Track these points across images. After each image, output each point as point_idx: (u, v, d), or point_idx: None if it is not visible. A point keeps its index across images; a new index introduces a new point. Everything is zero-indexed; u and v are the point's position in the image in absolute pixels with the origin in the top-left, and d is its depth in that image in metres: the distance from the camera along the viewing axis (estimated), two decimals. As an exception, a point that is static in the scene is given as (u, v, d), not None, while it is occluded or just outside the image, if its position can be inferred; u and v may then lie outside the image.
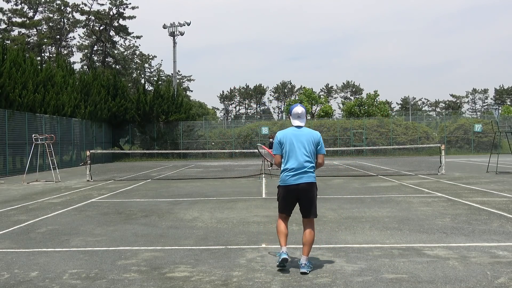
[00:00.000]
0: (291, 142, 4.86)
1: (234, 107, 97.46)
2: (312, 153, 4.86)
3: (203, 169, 22.37)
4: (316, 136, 4.93)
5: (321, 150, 4.94)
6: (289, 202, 4.89)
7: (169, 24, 42.36)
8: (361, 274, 4.54)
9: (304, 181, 4.77)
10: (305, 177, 4.77)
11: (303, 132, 4.91)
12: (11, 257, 5.48)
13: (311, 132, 4.92)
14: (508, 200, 9.46)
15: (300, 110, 4.99)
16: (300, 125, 4.95)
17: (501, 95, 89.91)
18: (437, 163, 17.59)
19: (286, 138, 4.90)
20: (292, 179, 4.79)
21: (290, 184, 4.80)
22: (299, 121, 4.97)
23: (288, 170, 4.83)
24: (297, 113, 4.97)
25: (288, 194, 4.84)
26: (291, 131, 4.93)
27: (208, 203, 9.80)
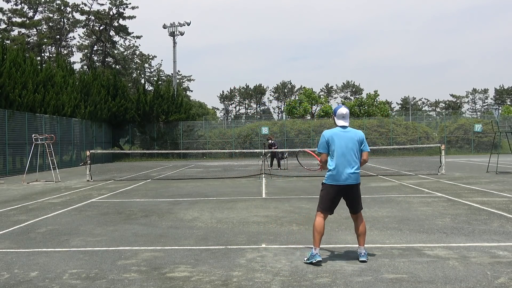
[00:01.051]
0: (339, 142, 5.04)
1: (234, 107, 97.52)
2: (358, 152, 5.09)
3: (203, 169, 22.37)
4: (361, 135, 5.16)
5: (365, 148, 5.17)
6: (335, 202, 5.11)
7: (169, 24, 42.39)
8: (361, 274, 4.54)
9: (352, 182, 5.01)
10: (353, 177, 5.00)
11: (350, 132, 5.12)
12: (11, 257, 5.48)
13: (356, 132, 5.14)
14: (508, 200, 9.46)
15: (344, 111, 5.18)
16: (345, 125, 5.14)
17: (501, 95, 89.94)
18: (437, 163, 17.58)
19: (334, 138, 5.09)
20: (342, 179, 4.99)
21: (339, 184, 5.00)
22: (344, 121, 5.16)
23: (335, 169, 5.01)
24: (342, 113, 5.17)
25: (337, 193, 5.05)
26: (338, 131, 5.12)
27: (208, 203, 9.80)
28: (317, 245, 4.96)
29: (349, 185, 5.00)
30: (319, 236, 4.99)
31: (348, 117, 5.22)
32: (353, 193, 5.06)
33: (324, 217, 5.09)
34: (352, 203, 5.12)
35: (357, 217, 5.16)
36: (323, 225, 5.04)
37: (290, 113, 45.83)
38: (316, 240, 4.97)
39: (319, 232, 5.00)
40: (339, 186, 5.01)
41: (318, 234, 4.99)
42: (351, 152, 5.02)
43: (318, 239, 4.98)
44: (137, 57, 65.43)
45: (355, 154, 5.04)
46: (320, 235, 5.00)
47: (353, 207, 5.13)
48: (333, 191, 5.04)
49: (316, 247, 4.96)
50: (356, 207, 5.12)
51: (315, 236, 5.00)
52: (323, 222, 5.05)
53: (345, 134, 5.08)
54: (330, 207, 5.09)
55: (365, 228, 5.17)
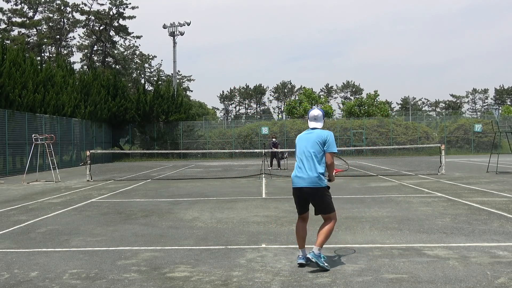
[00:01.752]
0: (300, 144, 4.94)
1: (234, 107, 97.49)
2: (317, 154, 4.80)
3: (203, 169, 22.37)
4: (323, 136, 4.83)
5: (329, 149, 4.80)
6: (301, 204, 4.96)
7: (169, 24, 42.36)
8: (361, 274, 4.54)
9: (309, 185, 4.78)
10: (308, 180, 4.77)
11: (312, 133, 4.91)
12: (11, 257, 5.48)
13: (320, 133, 4.87)
14: (508, 200, 9.45)
15: (316, 113, 5.03)
16: (315, 127, 4.97)
17: (501, 95, 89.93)
18: (437, 163, 17.58)
19: (298, 140, 5.01)
20: (299, 182, 4.84)
21: (297, 187, 4.88)
22: (315, 122, 5.00)
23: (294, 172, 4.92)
24: (314, 115, 5.02)
25: (299, 196, 4.92)
26: (303, 134, 5.02)
27: (208, 203, 9.80)
28: (300, 246, 4.92)
29: (303, 188, 4.81)
30: (299, 239, 4.93)
31: (321, 119, 5.01)
32: (313, 197, 4.82)
33: (300, 219, 5.00)
34: (315, 206, 4.91)
35: (325, 218, 4.94)
36: (300, 228, 4.95)
37: (290, 113, 45.83)
38: (297, 242, 4.97)
39: (297, 234, 4.96)
40: (295, 189, 4.91)
41: (297, 237, 4.96)
42: (307, 155, 4.81)
43: (299, 242, 4.93)
44: (137, 57, 65.42)
45: (312, 156, 4.78)
46: (300, 238, 4.92)
47: (316, 210, 4.93)
48: (294, 194, 4.98)
49: (299, 248, 4.93)
50: (320, 210, 4.90)
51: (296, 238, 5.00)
52: (300, 225, 4.96)
53: (307, 136, 4.93)
54: (299, 210, 5.00)
55: (328, 230, 4.81)
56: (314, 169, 4.76)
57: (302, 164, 4.83)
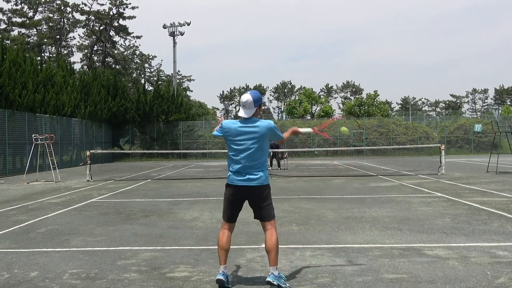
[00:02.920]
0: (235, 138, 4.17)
1: (234, 107, 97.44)
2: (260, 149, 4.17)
3: (203, 169, 22.36)
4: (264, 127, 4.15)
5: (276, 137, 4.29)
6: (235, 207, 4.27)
7: (169, 24, 42.36)
8: (361, 274, 4.54)
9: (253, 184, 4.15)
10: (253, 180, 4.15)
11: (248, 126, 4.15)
12: (11, 257, 5.48)
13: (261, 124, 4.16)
14: (508, 200, 9.45)
15: (245, 98, 4.13)
16: (245, 116, 4.15)
17: (501, 95, 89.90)
18: (437, 163, 17.58)
19: (230, 132, 4.18)
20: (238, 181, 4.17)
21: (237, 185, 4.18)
22: (244, 111, 4.17)
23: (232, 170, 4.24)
24: (242, 102, 4.14)
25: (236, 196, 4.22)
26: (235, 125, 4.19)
27: (208, 203, 9.80)
28: (222, 262, 4.21)
29: (246, 187, 4.14)
30: (222, 252, 4.21)
31: (252, 106, 4.13)
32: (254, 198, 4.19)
33: (226, 227, 4.27)
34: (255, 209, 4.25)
35: (266, 226, 4.22)
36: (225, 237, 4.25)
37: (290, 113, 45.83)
38: (219, 256, 4.24)
39: (220, 246, 4.23)
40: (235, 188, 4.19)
41: (220, 249, 4.23)
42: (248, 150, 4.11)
43: (222, 255, 4.21)
44: (137, 57, 65.38)
45: (254, 151, 4.11)
46: (223, 251, 4.20)
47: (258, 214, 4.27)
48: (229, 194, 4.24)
49: (220, 264, 4.22)
50: (262, 215, 4.22)
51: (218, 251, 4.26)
52: (225, 234, 4.26)
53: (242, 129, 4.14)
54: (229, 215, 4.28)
55: (276, 243, 4.13)
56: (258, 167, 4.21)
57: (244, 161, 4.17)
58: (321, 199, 10.18)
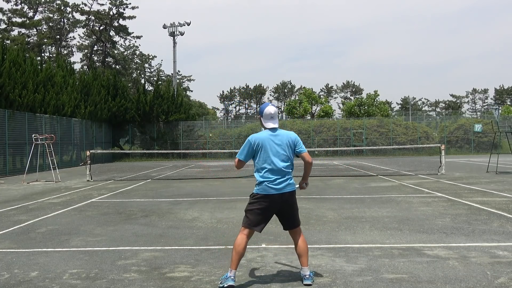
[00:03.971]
0: (268, 147, 4.30)
1: (234, 107, 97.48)
2: (290, 157, 4.37)
3: (203, 169, 22.36)
4: (293, 137, 4.42)
5: (302, 150, 4.47)
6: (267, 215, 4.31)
7: (169, 24, 42.34)
8: (361, 274, 4.54)
9: (286, 191, 4.26)
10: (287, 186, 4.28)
11: (280, 135, 4.38)
12: (11, 257, 5.48)
13: (287, 134, 4.42)
14: (508, 200, 9.45)
15: (272, 110, 4.43)
16: (275, 126, 4.40)
17: (501, 95, 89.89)
18: (437, 163, 17.58)
19: (262, 143, 4.32)
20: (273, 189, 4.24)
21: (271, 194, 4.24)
22: (272, 122, 4.41)
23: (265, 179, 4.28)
24: (270, 113, 4.41)
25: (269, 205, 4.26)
26: (268, 135, 4.37)
27: (208, 203, 9.80)
28: (233, 267, 4.19)
29: (280, 195, 4.23)
30: (237, 257, 4.19)
31: (277, 117, 4.46)
32: (286, 205, 4.30)
33: (248, 234, 4.30)
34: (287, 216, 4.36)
35: (296, 232, 4.40)
36: (244, 244, 4.23)
37: (290, 113, 45.82)
38: (233, 261, 4.19)
39: (237, 252, 4.19)
40: (269, 196, 4.23)
41: (237, 254, 4.19)
42: (281, 159, 4.28)
43: (236, 260, 4.19)
44: (137, 57, 65.43)
45: (286, 160, 4.30)
46: (239, 256, 4.19)
47: (289, 222, 4.38)
48: (263, 203, 4.25)
49: (232, 268, 4.18)
50: (293, 221, 4.38)
51: (233, 255, 4.20)
52: (245, 241, 4.26)
53: (275, 138, 4.34)
54: (259, 223, 4.29)
55: (307, 245, 4.38)
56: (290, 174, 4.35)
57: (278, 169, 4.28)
58: (321, 199, 10.18)
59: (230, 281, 4.11)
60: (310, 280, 4.24)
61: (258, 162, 4.34)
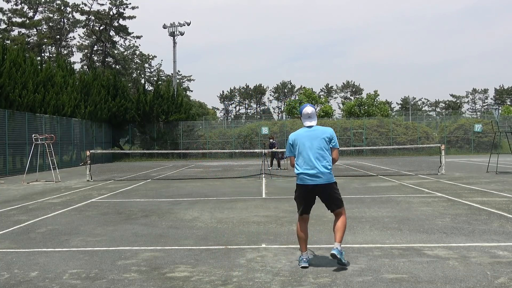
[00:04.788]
0: (304, 142, 4.90)
1: (234, 107, 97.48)
2: (327, 151, 4.91)
3: (203, 169, 22.36)
4: (329, 132, 4.98)
5: (335, 145, 4.99)
6: (308, 202, 4.95)
7: (169, 24, 42.35)
8: (361, 274, 4.54)
9: (321, 182, 4.82)
10: (323, 178, 4.82)
11: (316, 131, 4.96)
12: (11, 257, 5.48)
13: (323, 129, 4.99)
14: (508, 200, 9.45)
15: (310, 110, 5.05)
16: (311, 124, 5.00)
17: (501, 95, 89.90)
18: (437, 163, 17.58)
19: (298, 139, 4.96)
20: (310, 180, 4.84)
21: (307, 184, 4.86)
22: (309, 121, 5.03)
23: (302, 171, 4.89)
24: (307, 113, 5.04)
25: (308, 194, 4.90)
26: (303, 132, 4.99)
27: (208, 203, 9.80)
28: (303, 249, 4.89)
29: (317, 186, 4.84)
30: (301, 241, 4.90)
31: (315, 116, 5.07)
32: (325, 194, 4.91)
33: (302, 220, 4.97)
34: (326, 203, 5.00)
35: (336, 213, 5.00)
36: (303, 228, 4.93)
37: (290, 113, 45.83)
38: (300, 245, 4.92)
39: (299, 237, 4.92)
40: (306, 186, 4.88)
41: (299, 239, 4.92)
42: (316, 152, 4.86)
43: (301, 243, 4.90)
44: (137, 57, 65.43)
45: (321, 153, 4.87)
46: (302, 240, 4.89)
47: (329, 206, 5.01)
48: (302, 193, 4.93)
49: (302, 251, 4.89)
50: (332, 206, 4.97)
51: (298, 240, 4.96)
52: (303, 226, 4.95)
53: (310, 134, 4.95)
54: (304, 210, 4.97)
55: (343, 224, 4.92)
56: (326, 165, 4.86)
57: (314, 160, 4.83)
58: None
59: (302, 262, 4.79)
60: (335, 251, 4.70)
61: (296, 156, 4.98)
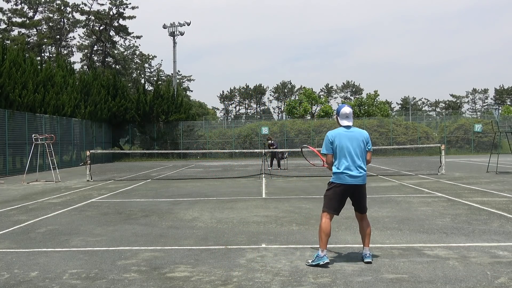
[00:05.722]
0: (343, 142, 4.98)
1: (234, 107, 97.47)
2: (363, 152, 5.03)
3: (203, 169, 22.37)
4: (366, 135, 5.12)
5: (370, 148, 5.13)
6: (342, 202, 5.05)
7: (169, 24, 42.34)
8: (361, 274, 4.54)
9: (358, 183, 4.94)
10: (359, 178, 4.94)
11: (354, 132, 5.07)
12: (11, 257, 5.48)
13: (360, 131, 5.11)
14: (508, 200, 9.45)
15: (348, 110, 5.15)
16: (349, 124, 5.11)
17: (501, 95, 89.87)
18: (437, 163, 17.58)
19: (338, 138, 5.02)
20: (348, 180, 4.92)
21: (345, 183, 4.93)
22: (347, 121, 5.13)
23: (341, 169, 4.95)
24: (346, 113, 5.13)
25: (343, 193, 4.99)
26: (342, 131, 5.06)
27: (208, 203, 9.80)
28: (324, 247, 4.88)
29: (354, 185, 4.95)
30: (326, 238, 4.91)
31: (352, 116, 5.18)
32: (359, 194, 5.02)
33: (330, 217, 5.01)
34: (358, 203, 5.08)
35: (363, 218, 5.12)
36: (329, 226, 4.96)
37: (290, 113, 45.83)
38: (323, 242, 4.88)
39: (326, 233, 4.91)
40: (345, 186, 4.94)
41: (326, 235, 4.91)
42: (356, 152, 4.96)
43: (326, 241, 4.89)
44: (137, 57, 65.40)
45: (360, 154, 4.98)
46: (327, 237, 4.91)
47: (359, 208, 5.10)
48: (339, 191, 4.98)
49: (323, 249, 4.87)
50: (362, 208, 5.09)
51: (322, 237, 4.90)
52: (329, 223, 4.97)
53: (350, 134, 5.03)
54: (337, 208, 5.03)
55: (370, 229, 5.11)
56: (363, 166, 4.99)
57: (353, 161, 4.93)
58: (321, 199, 10.13)
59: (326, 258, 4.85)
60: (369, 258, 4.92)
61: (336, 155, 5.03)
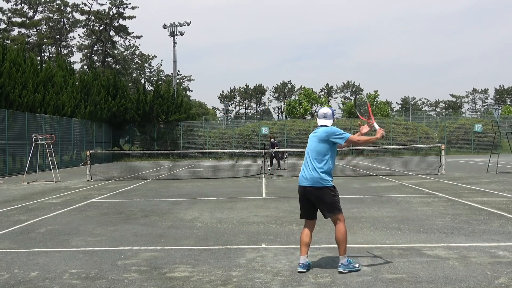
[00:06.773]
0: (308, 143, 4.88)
1: (234, 107, 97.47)
2: (319, 153, 4.70)
3: (203, 169, 22.37)
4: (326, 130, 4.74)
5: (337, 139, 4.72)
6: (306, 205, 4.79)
7: (169, 24, 42.34)
8: (361, 274, 4.54)
9: (310, 185, 4.67)
10: (310, 180, 4.66)
11: (316, 132, 4.85)
12: (11, 257, 5.48)
13: (323, 129, 4.77)
14: (508, 200, 9.46)
15: (325, 111, 4.96)
16: (323, 124, 4.86)
17: (501, 95, 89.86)
18: (437, 163, 17.58)
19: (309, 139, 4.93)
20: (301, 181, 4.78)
21: (300, 185, 4.79)
22: (323, 120, 4.90)
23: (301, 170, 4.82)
24: (322, 113, 4.95)
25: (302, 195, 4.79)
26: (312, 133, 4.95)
27: (208, 203, 9.80)
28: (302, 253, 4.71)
29: (305, 187, 4.70)
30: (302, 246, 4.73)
31: (330, 116, 4.89)
32: (314, 198, 4.66)
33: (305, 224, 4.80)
34: (318, 208, 4.73)
35: (334, 222, 4.70)
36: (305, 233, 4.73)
37: (290, 113, 45.83)
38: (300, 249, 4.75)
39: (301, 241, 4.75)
40: (299, 187, 4.79)
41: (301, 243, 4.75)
42: (310, 153, 4.75)
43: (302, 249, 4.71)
44: (137, 57, 65.40)
45: (315, 155, 4.70)
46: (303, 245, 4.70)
47: (321, 212, 4.72)
48: (299, 193, 4.84)
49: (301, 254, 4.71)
50: (323, 214, 4.69)
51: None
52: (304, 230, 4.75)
53: (312, 135, 4.87)
54: (303, 212, 4.83)
55: (340, 234, 4.58)
56: (316, 167, 4.64)
57: (307, 162, 4.76)
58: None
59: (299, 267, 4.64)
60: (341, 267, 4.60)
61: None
